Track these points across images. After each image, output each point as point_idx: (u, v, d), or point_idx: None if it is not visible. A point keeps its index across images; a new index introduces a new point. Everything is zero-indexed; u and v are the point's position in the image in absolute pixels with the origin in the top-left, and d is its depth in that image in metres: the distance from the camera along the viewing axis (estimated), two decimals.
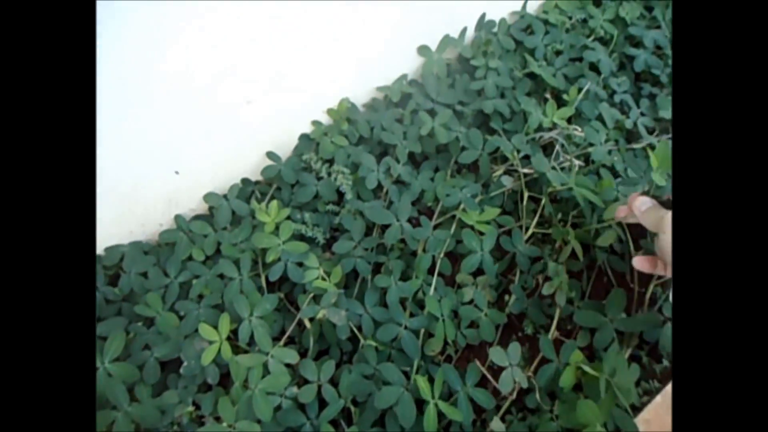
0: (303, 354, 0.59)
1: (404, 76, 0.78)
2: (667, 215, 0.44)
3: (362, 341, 0.58)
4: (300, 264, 0.62)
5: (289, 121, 0.72)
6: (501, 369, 0.54)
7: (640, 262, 0.48)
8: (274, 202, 0.66)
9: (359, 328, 0.59)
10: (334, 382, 0.55)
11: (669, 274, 0.48)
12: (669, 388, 0.52)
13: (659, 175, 0.57)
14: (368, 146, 0.74)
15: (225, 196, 0.70)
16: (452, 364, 0.60)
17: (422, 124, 0.71)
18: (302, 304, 0.60)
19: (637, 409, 0.52)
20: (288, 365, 0.55)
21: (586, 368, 0.50)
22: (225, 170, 0.71)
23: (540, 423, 0.50)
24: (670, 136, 0.73)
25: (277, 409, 0.53)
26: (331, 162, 0.71)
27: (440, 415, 0.51)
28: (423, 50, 0.78)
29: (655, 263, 0.49)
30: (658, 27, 0.84)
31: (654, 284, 0.59)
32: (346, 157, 0.71)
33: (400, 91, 0.76)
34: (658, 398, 0.51)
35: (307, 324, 0.59)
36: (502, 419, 0.53)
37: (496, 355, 0.54)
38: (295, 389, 0.54)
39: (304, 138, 0.73)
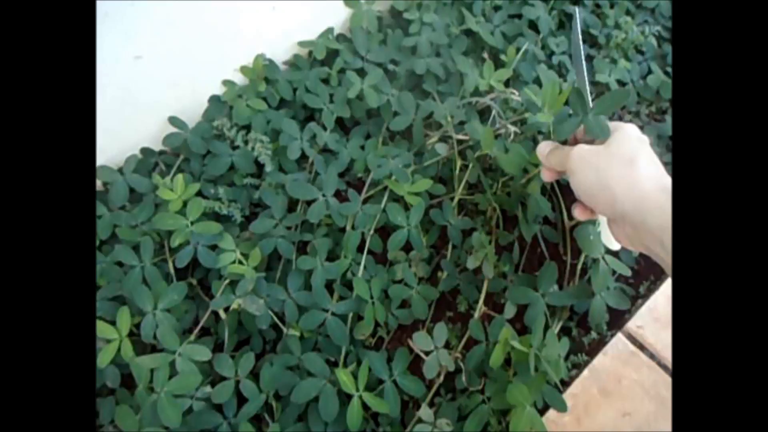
0: (220, 347, 0.54)
1: (330, 30, 0.70)
2: (571, 151, 0.41)
3: (285, 330, 0.53)
4: (213, 247, 0.55)
5: (194, 80, 0.62)
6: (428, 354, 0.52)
7: (579, 211, 0.45)
8: (180, 176, 0.57)
9: (282, 315, 0.54)
10: (255, 375, 0.51)
11: (595, 216, 0.45)
12: (596, 361, 0.52)
13: (546, 113, 0.52)
14: (290, 110, 0.66)
15: (120, 170, 0.60)
16: (384, 347, 0.57)
17: (350, 85, 0.64)
18: (217, 292, 0.53)
19: (566, 384, 0.52)
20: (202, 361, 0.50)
21: (516, 345, 0.48)
22: (119, 138, 0.60)
23: (469, 404, 0.49)
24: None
25: (188, 413, 0.47)
26: (247, 128, 0.63)
27: (368, 406, 0.48)
28: (351, 0, 0.69)
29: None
30: None
31: (584, 255, 0.58)
32: (265, 122, 0.64)
33: (325, 47, 0.68)
34: (585, 372, 0.52)
35: (223, 315, 0.53)
36: (432, 403, 0.51)
37: (420, 339, 0.51)
38: (208, 388, 0.49)
39: (214, 100, 0.64)
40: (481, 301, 0.56)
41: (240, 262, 0.55)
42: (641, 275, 0.61)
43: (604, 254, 0.54)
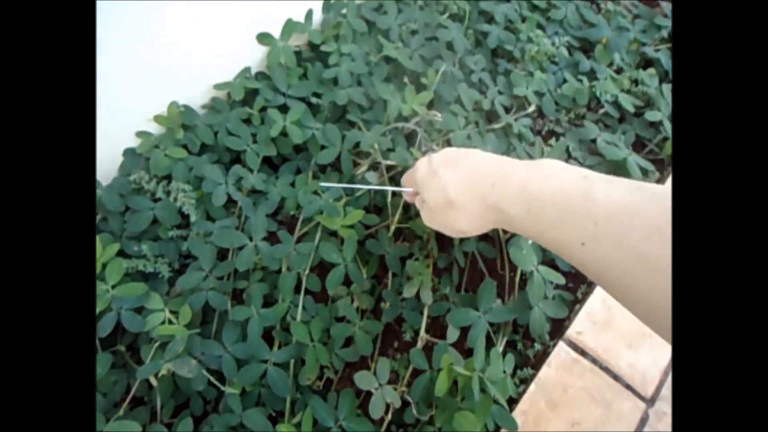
0: (156, 415, 0.50)
1: (247, 69, 0.69)
2: (414, 173, 0.47)
3: (224, 388, 0.51)
4: (140, 309, 0.52)
5: (105, 135, 0.59)
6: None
7: (410, 196, 0.51)
8: (98, 238, 0.54)
9: (220, 373, 0.51)
10: None
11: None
12: (541, 373, 0.52)
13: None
14: (213, 155, 0.64)
15: None
16: (333, 388, 0.56)
17: (273, 123, 0.63)
18: (147, 357, 0.50)
19: (515, 401, 0.52)
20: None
21: (459, 370, 0.48)
22: None
23: None
24: (527, 111, 0.73)
25: None
26: (168, 179, 0.61)
27: None
28: (264, 38, 0.68)
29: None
30: (508, 0, 0.84)
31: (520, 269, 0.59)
32: (187, 170, 0.61)
33: (243, 86, 0.66)
34: (532, 387, 0.52)
35: (154, 382, 0.50)
36: None
37: (362, 380, 0.50)
38: None
39: (129, 153, 0.61)
40: (422, 329, 0.56)
41: (170, 322, 0.52)
42: (578, 279, 0.63)
43: (537, 265, 0.55)
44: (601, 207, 0.31)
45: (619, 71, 0.81)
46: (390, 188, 0.56)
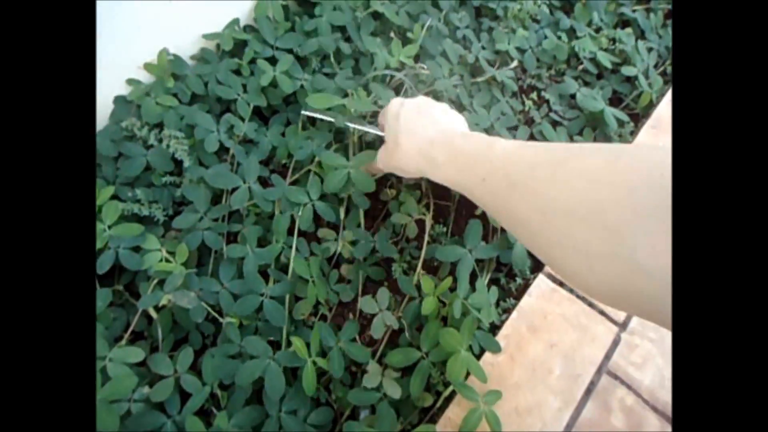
0: (156, 349, 0.52)
1: (236, 21, 0.69)
2: (385, 111, 0.55)
3: (223, 319, 0.53)
4: (136, 248, 0.54)
5: (96, 82, 0.59)
6: (374, 317, 0.54)
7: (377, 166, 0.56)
8: None
9: (218, 307, 0.53)
10: (197, 370, 0.50)
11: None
12: (523, 302, 0.56)
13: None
14: (204, 105, 0.65)
15: None
16: (327, 323, 0.58)
17: (262, 74, 0.64)
18: (145, 293, 0.52)
19: (498, 327, 0.55)
20: (141, 364, 0.48)
21: (441, 292, 0.51)
22: None
23: (408, 358, 0.51)
24: (510, 66, 0.75)
25: (126, 416, 0.46)
26: (160, 127, 0.62)
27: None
28: None
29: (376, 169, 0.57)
30: None
31: None
32: (179, 119, 0.62)
33: (232, 38, 0.67)
34: (514, 314, 0.55)
35: (154, 314, 0.52)
36: (379, 362, 0.53)
37: (366, 304, 0.53)
38: (146, 389, 0.47)
39: (120, 101, 0.62)
40: (419, 266, 0.58)
41: (167, 260, 0.54)
42: None
43: None
44: (498, 150, 0.40)
45: (597, 30, 0.84)
46: (367, 128, 0.59)
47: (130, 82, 0.62)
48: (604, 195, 0.29)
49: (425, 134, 0.49)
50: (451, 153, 0.45)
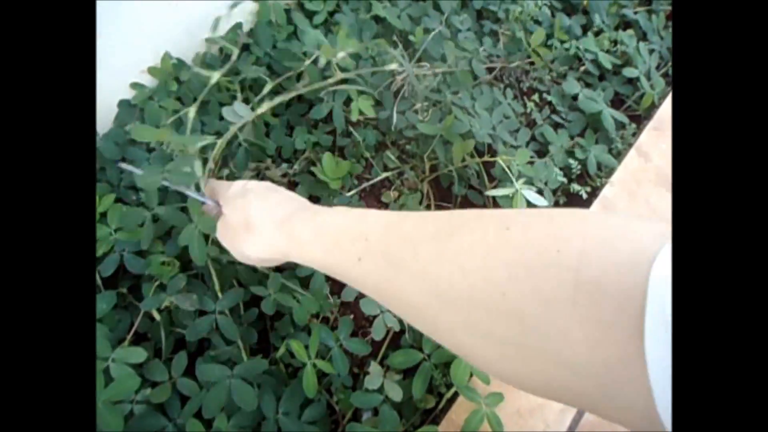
0: (159, 351, 0.52)
1: (238, 25, 0.70)
2: (222, 186, 0.47)
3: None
4: (140, 252, 0.54)
5: (99, 86, 0.60)
6: (375, 319, 0.54)
7: (208, 207, 0.49)
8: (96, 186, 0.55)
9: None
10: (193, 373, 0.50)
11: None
12: None
13: None
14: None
15: None
16: (329, 326, 0.58)
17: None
18: (148, 294, 0.52)
19: None
20: (144, 365, 0.49)
21: None
22: None
23: (409, 360, 0.51)
24: (511, 68, 0.76)
25: (129, 417, 0.46)
26: None
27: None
28: None
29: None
30: None
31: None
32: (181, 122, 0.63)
33: (235, 42, 0.68)
34: None
35: (157, 316, 0.52)
36: (381, 364, 0.53)
37: (366, 305, 0.53)
38: (149, 391, 0.48)
39: (124, 105, 0.62)
40: None
41: (167, 263, 0.54)
42: None
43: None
44: (372, 224, 0.34)
45: (599, 32, 0.84)
46: (193, 194, 0.48)
47: (134, 86, 0.62)
48: (500, 275, 0.25)
49: (283, 210, 0.41)
50: (317, 229, 0.37)
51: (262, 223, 0.41)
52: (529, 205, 0.58)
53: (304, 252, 0.38)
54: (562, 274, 0.23)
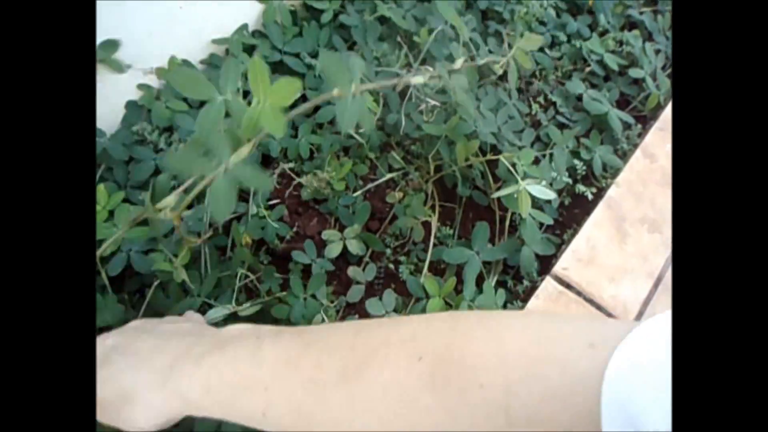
0: None
1: (244, 26, 0.70)
2: None
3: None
4: (147, 251, 0.55)
5: (107, 86, 0.60)
6: None
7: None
8: (102, 186, 0.56)
9: None
10: None
11: None
12: (530, 304, 0.56)
13: None
14: None
15: None
16: None
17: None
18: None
19: None
20: None
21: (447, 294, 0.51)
22: None
23: None
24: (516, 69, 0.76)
25: None
26: (170, 130, 0.63)
27: None
28: None
29: None
30: None
31: (511, 212, 0.62)
32: (189, 123, 0.63)
33: (241, 43, 0.68)
34: None
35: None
36: None
37: (372, 306, 0.54)
38: None
39: (131, 106, 0.63)
40: (425, 268, 0.58)
41: (169, 261, 0.54)
42: (564, 225, 0.66)
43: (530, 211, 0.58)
44: (269, 367, 0.29)
45: (604, 32, 0.84)
46: None
47: (141, 87, 0.63)
48: (424, 423, 0.23)
49: (162, 359, 0.33)
50: (206, 385, 0.31)
51: (141, 390, 0.33)
52: (534, 202, 0.57)
53: (201, 410, 0.32)
54: (492, 414, 0.21)
